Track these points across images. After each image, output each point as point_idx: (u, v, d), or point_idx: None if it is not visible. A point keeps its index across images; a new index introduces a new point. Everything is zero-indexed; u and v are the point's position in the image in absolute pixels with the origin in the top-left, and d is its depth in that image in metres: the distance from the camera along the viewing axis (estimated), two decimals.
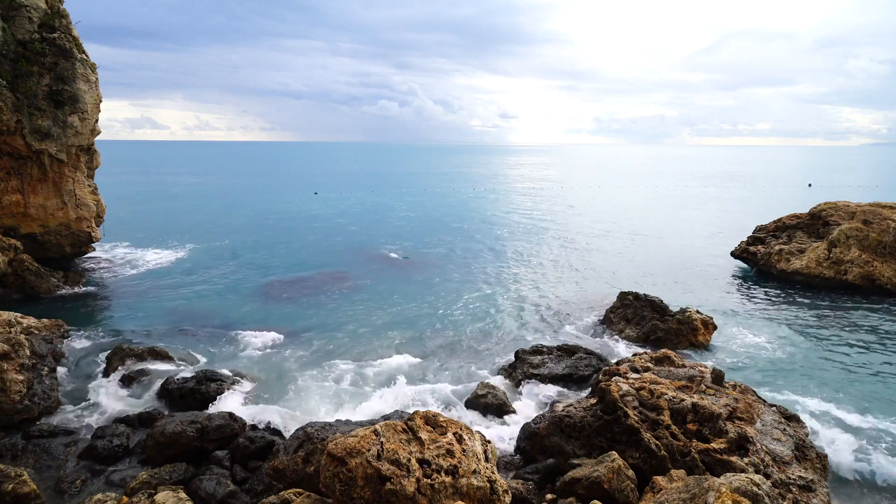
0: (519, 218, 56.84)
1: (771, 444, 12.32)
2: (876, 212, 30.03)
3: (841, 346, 21.42)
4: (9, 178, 28.97)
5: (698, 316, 21.52)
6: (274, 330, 22.78)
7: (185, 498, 10.90)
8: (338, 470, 9.24)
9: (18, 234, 29.25)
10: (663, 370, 14.87)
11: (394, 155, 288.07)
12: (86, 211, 31.80)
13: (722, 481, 9.25)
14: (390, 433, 9.75)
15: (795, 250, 31.38)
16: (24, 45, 27.93)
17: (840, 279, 28.66)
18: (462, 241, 43.40)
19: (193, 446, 13.46)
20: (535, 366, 18.21)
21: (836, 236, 29.63)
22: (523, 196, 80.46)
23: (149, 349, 19.21)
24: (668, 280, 31.72)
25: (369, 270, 33.21)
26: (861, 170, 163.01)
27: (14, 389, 15.22)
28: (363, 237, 44.61)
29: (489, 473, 9.83)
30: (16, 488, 11.51)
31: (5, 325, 16.91)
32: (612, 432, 12.45)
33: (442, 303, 26.98)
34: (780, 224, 34.87)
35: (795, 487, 11.06)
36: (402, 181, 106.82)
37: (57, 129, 28.96)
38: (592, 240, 44.19)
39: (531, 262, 36.32)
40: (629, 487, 10.96)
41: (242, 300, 27.10)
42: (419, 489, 9.05)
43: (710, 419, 12.32)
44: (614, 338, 22.15)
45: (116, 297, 27.35)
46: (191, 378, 17.02)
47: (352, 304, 26.44)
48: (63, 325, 20.26)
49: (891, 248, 28.36)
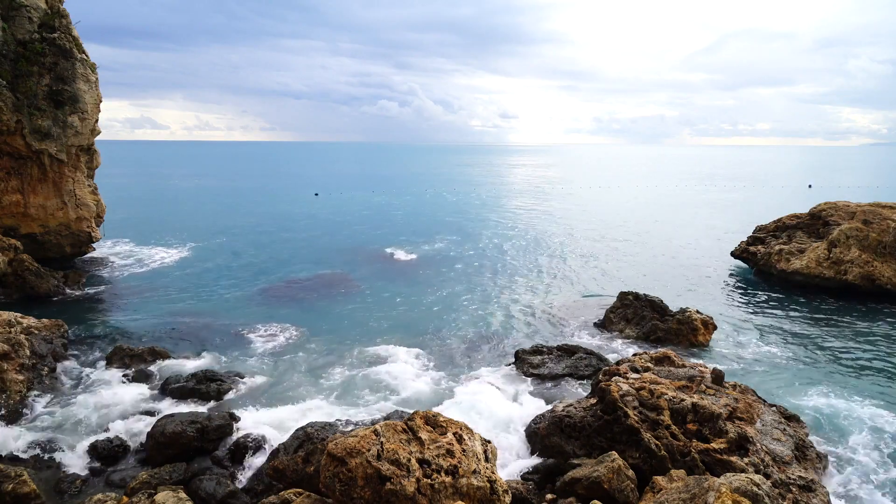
0: (519, 218, 56.85)
1: (771, 444, 12.32)
2: (876, 212, 30.00)
3: (841, 346, 21.42)
4: (9, 178, 28.98)
5: (698, 316, 21.52)
6: (274, 330, 22.79)
7: (185, 498, 10.90)
8: (338, 470, 9.24)
9: (18, 234, 29.26)
10: (663, 370, 14.87)
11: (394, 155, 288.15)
12: (86, 211, 31.80)
13: (722, 481, 9.25)
14: (390, 433, 9.75)
15: (795, 250, 31.38)
16: (24, 45, 27.94)
17: (840, 279, 28.64)
18: (462, 241, 43.41)
19: (193, 446, 13.45)
20: (536, 365, 18.20)
21: (836, 236, 29.62)
22: (523, 196, 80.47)
23: (149, 349, 19.21)
24: (668, 280, 31.72)
25: (370, 271, 33.22)
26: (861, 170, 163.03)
27: (14, 389, 15.22)
28: (364, 237, 44.62)
29: (489, 473, 9.83)
30: (16, 488, 11.52)
31: (5, 325, 16.91)
32: (612, 432, 12.45)
33: (442, 303, 26.98)
34: (780, 224, 34.86)
35: (795, 487, 11.06)
36: (402, 181, 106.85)
37: (57, 129, 28.97)
38: (593, 240, 44.20)
39: (531, 261, 36.32)
40: (629, 487, 10.95)
41: (242, 300, 27.10)
42: (419, 489, 9.04)
43: (710, 419, 12.32)
44: (614, 338, 22.15)
45: (116, 297, 27.35)
46: (191, 378, 17.03)
47: (352, 305, 26.45)
48: (63, 325, 20.26)
49: (891, 248, 28.34)
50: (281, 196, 76.16)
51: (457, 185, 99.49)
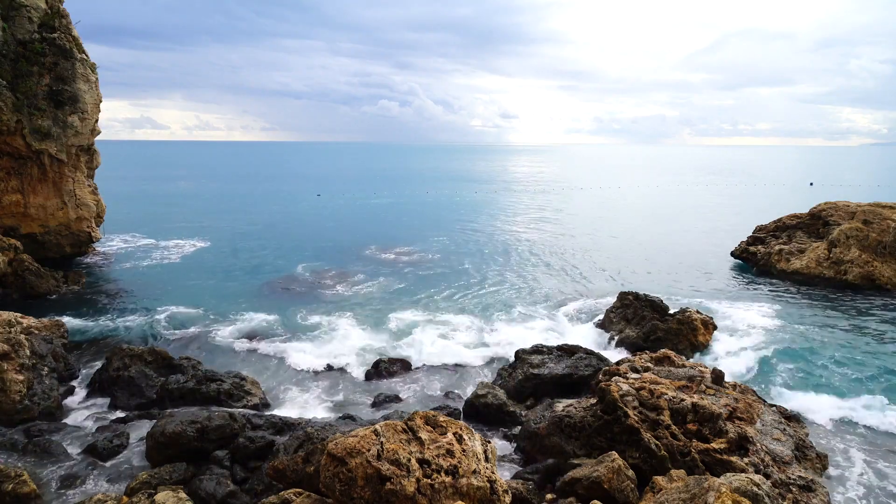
0: (519, 218, 56.85)
1: (771, 444, 12.31)
2: (876, 212, 30.00)
3: (841, 345, 21.41)
4: (9, 178, 28.98)
5: (698, 316, 21.51)
6: (275, 330, 22.80)
7: (185, 498, 10.89)
8: (338, 470, 9.23)
9: (18, 234, 29.25)
10: (663, 370, 14.86)
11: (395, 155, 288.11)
12: (86, 211, 31.81)
13: (722, 481, 9.24)
14: (390, 433, 9.74)
15: (795, 250, 31.39)
16: (24, 45, 27.94)
17: (840, 279, 28.65)
18: (463, 240, 43.41)
19: (193, 446, 13.43)
20: (535, 365, 18.18)
21: (836, 236, 29.62)
22: (524, 196, 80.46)
23: (149, 349, 19.19)
24: (668, 280, 31.71)
25: (371, 270, 33.21)
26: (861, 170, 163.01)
27: (14, 389, 15.22)
28: (364, 238, 44.60)
29: (489, 473, 9.83)
30: (16, 488, 11.51)
31: (5, 325, 16.90)
32: (612, 432, 12.44)
33: (442, 302, 26.99)
34: (780, 224, 34.87)
35: (795, 487, 11.06)
36: (403, 181, 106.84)
37: (57, 129, 28.97)
38: (592, 239, 44.19)
39: (531, 261, 36.32)
40: (629, 487, 10.95)
41: (243, 301, 27.08)
42: (419, 489, 9.04)
43: (710, 419, 12.32)
44: (614, 338, 22.13)
45: (116, 296, 27.34)
46: (191, 378, 17.02)
47: (352, 305, 26.45)
48: (63, 325, 20.25)
49: (891, 248, 28.34)
50: (282, 196, 76.13)
51: (458, 185, 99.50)
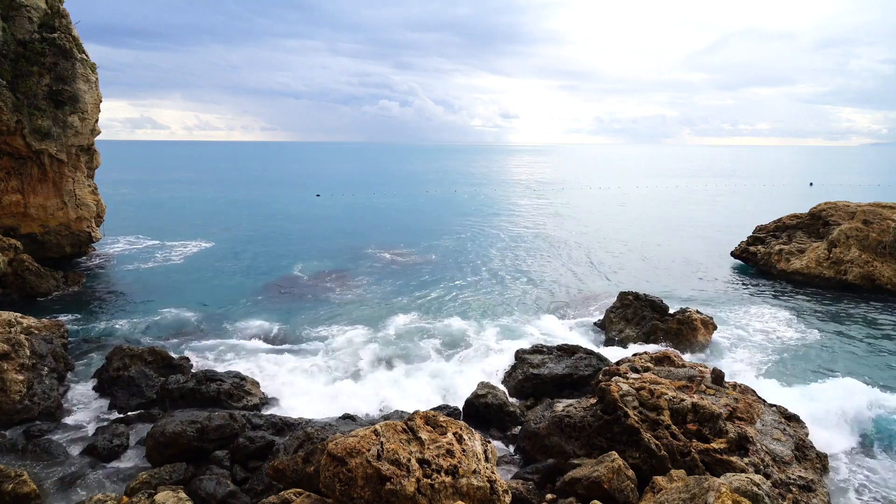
0: (519, 218, 56.85)
1: (771, 444, 12.31)
2: (876, 212, 30.00)
3: (841, 346, 21.42)
4: (9, 178, 28.97)
5: (698, 316, 21.51)
6: (274, 330, 22.80)
7: (185, 498, 10.89)
8: (338, 470, 9.23)
9: (18, 234, 29.24)
10: (663, 370, 14.86)
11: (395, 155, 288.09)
12: (86, 211, 31.80)
13: (722, 481, 9.24)
14: (390, 433, 9.74)
15: (795, 250, 31.38)
16: (24, 45, 27.93)
17: (840, 279, 28.64)
18: (463, 240, 43.41)
19: (193, 446, 13.44)
20: (536, 365, 18.19)
21: (836, 236, 29.61)
22: (524, 196, 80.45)
23: (149, 349, 19.18)
24: (668, 280, 31.71)
25: (371, 271, 33.22)
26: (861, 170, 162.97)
27: (14, 389, 15.22)
28: (365, 238, 44.60)
29: (489, 473, 9.83)
30: (16, 488, 11.51)
31: (5, 325, 16.90)
32: (612, 432, 12.43)
33: (442, 303, 26.99)
34: (780, 224, 34.86)
35: (795, 487, 11.06)
36: (403, 181, 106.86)
37: (57, 129, 28.96)
38: (593, 239, 44.19)
39: (531, 261, 36.32)
40: (629, 487, 10.94)
41: (243, 301, 27.08)
42: (419, 489, 9.04)
43: (710, 419, 12.31)
44: (614, 338, 22.13)
45: (116, 297, 27.34)
46: (191, 378, 17.00)
47: (353, 305, 26.45)
48: (63, 325, 20.22)
49: (891, 248, 28.33)
50: (283, 197, 76.11)
51: (458, 185, 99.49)
